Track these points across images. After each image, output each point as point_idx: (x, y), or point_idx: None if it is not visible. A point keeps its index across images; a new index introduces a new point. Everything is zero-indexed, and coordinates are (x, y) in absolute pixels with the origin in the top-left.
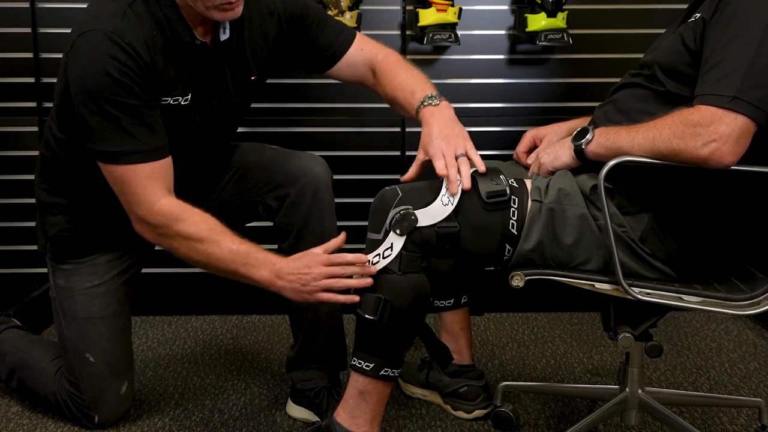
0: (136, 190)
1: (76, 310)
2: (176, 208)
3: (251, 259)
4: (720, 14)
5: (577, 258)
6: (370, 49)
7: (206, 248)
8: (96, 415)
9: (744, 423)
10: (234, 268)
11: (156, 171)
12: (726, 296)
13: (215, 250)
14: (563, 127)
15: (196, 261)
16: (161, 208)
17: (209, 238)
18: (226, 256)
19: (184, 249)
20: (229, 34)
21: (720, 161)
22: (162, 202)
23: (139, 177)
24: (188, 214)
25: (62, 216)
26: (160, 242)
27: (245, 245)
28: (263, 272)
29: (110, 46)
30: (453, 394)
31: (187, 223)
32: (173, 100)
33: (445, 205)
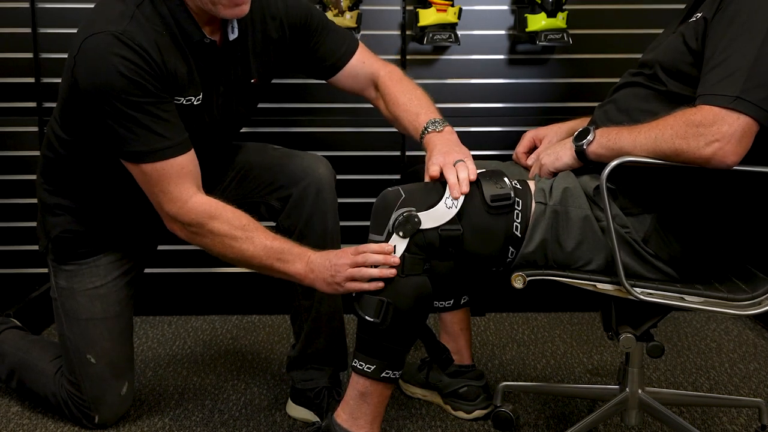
0: (167, 188)
1: (78, 311)
2: (208, 205)
3: (286, 255)
4: (722, 14)
5: (580, 259)
6: (372, 63)
7: (240, 245)
8: (96, 416)
9: (744, 423)
10: (269, 263)
11: (184, 166)
12: (727, 296)
13: (249, 247)
14: (563, 128)
15: (230, 258)
16: (194, 206)
17: (243, 236)
18: (260, 253)
19: (218, 247)
20: (238, 34)
21: (722, 161)
22: (194, 199)
23: (168, 174)
24: (221, 212)
25: (65, 217)
26: (193, 241)
27: (278, 241)
28: (298, 266)
29: (120, 47)
30: (453, 395)
31: (220, 221)
32: (186, 101)
33: (449, 208)
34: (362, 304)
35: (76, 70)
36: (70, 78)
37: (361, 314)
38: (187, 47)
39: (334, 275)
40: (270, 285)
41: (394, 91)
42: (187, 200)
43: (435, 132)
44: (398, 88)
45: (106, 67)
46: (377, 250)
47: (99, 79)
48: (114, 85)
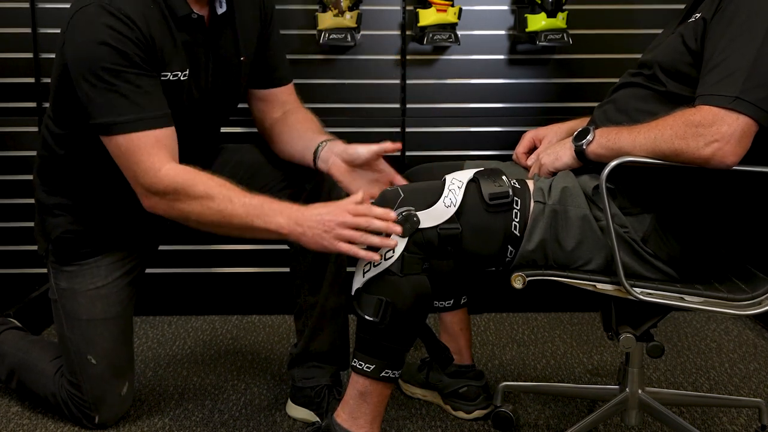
0: (140, 158)
1: (79, 311)
2: (183, 170)
3: (266, 209)
4: (721, 14)
5: (579, 259)
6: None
7: (218, 205)
8: (96, 416)
9: (744, 423)
10: (249, 221)
11: (160, 139)
12: (727, 296)
13: (227, 206)
14: (563, 128)
15: (209, 222)
16: (167, 172)
17: (220, 195)
18: (239, 210)
19: (196, 211)
20: (226, 8)
21: (722, 161)
22: (167, 167)
23: (143, 144)
24: (195, 175)
25: (65, 217)
26: (171, 211)
27: (258, 198)
28: (280, 219)
29: (107, 17)
30: (453, 395)
31: (195, 184)
32: (173, 75)
33: (448, 207)
34: (362, 304)
35: (65, 48)
36: (60, 59)
37: (360, 313)
38: (174, 22)
39: (328, 231)
40: (270, 285)
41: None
42: (160, 168)
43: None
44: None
45: (92, 36)
46: (381, 215)
47: (84, 47)
48: (98, 53)
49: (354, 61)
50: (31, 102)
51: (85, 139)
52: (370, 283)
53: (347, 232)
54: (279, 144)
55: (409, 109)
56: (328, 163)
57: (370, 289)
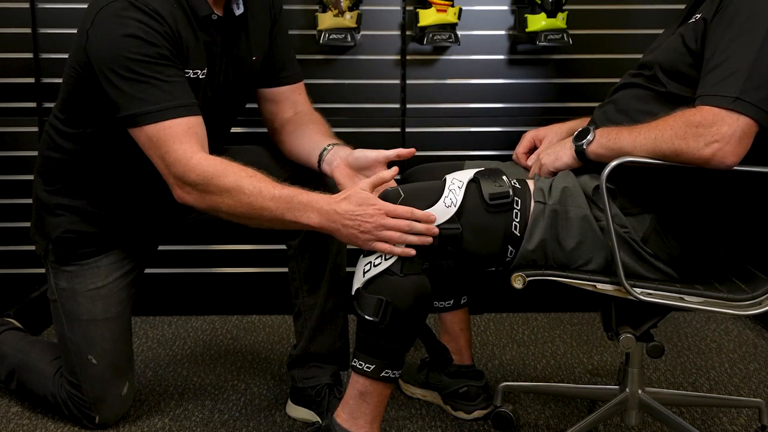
0: (171, 147)
1: (79, 312)
2: (214, 160)
3: (296, 203)
4: (722, 15)
5: (579, 259)
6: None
7: (248, 198)
8: (97, 416)
9: (744, 423)
10: (280, 215)
11: (191, 127)
12: (727, 296)
13: (257, 199)
14: (563, 128)
15: (240, 214)
16: (199, 161)
17: (250, 186)
18: (269, 204)
19: (226, 203)
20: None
21: (722, 162)
22: (199, 156)
23: (174, 133)
24: (226, 166)
25: (67, 217)
26: (202, 203)
27: (287, 189)
28: (312, 216)
29: (135, 11)
30: (453, 395)
31: (226, 174)
32: (193, 73)
33: (448, 207)
34: (361, 304)
35: (88, 45)
36: (78, 57)
37: (360, 313)
38: (196, 21)
39: (364, 232)
40: (270, 285)
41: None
42: (191, 157)
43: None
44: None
45: (121, 29)
46: (423, 218)
47: (114, 41)
48: (128, 45)
49: (354, 61)
50: (31, 102)
51: (97, 139)
52: (370, 283)
53: (385, 234)
54: (286, 144)
55: (409, 109)
56: (332, 165)
57: (370, 288)
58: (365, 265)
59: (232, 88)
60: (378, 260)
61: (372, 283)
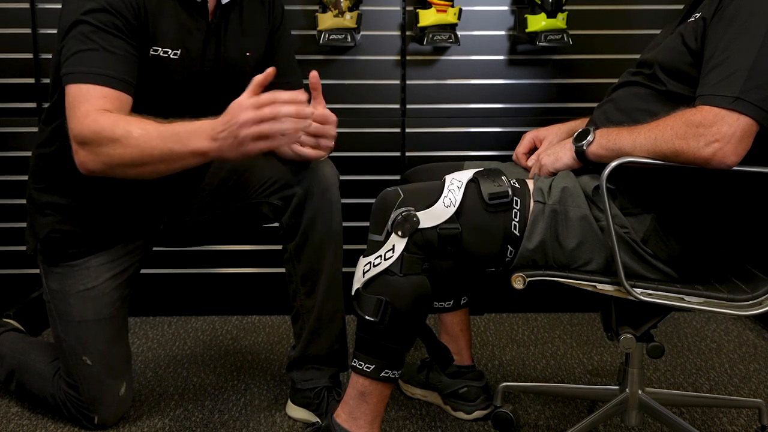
0: (78, 108)
1: (71, 313)
2: (108, 115)
3: (182, 134)
4: (721, 14)
5: (579, 259)
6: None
7: (136, 141)
8: (96, 416)
9: (744, 424)
10: (169, 149)
11: (106, 97)
12: (727, 297)
13: (145, 140)
14: (563, 128)
15: (134, 161)
16: (95, 118)
17: (138, 129)
18: (156, 141)
19: (118, 153)
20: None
21: (722, 162)
22: (96, 113)
23: (87, 97)
24: (118, 118)
25: (53, 216)
26: (99, 161)
27: (173, 124)
28: (199, 141)
29: None
30: (453, 395)
31: (116, 123)
32: (163, 52)
33: (447, 207)
34: (361, 304)
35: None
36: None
37: (360, 313)
38: (179, 1)
39: (236, 137)
40: (270, 286)
41: None
42: (88, 115)
43: None
44: None
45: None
46: (288, 99)
47: (76, 3)
48: (85, 6)
49: (354, 61)
50: (31, 102)
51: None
52: (370, 283)
53: (253, 129)
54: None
55: (409, 110)
56: None
57: (370, 289)
58: (365, 265)
59: (222, 81)
60: (378, 260)
61: (372, 283)
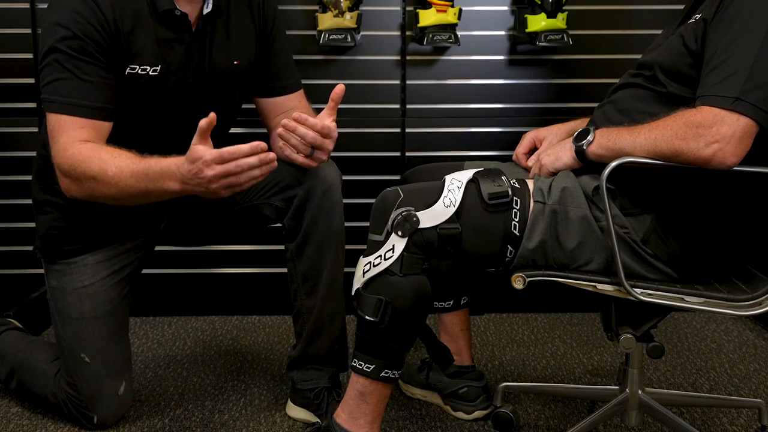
0: (59, 138)
1: (69, 310)
2: (83, 147)
3: (152, 175)
4: (722, 15)
5: (579, 259)
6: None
7: (114, 180)
8: (95, 416)
9: (744, 424)
10: (144, 188)
11: (85, 127)
12: (727, 297)
13: (121, 180)
14: (563, 129)
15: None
16: (73, 149)
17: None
18: (131, 182)
19: (99, 188)
20: (212, 8)
21: (722, 162)
22: (76, 145)
23: (66, 127)
24: (93, 152)
25: (52, 214)
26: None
27: (143, 162)
28: (170, 183)
29: (77, 2)
30: (453, 395)
31: (92, 160)
32: (141, 69)
33: (447, 207)
34: (361, 304)
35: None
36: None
37: (360, 313)
38: (156, 16)
39: (208, 187)
40: (270, 286)
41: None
42: (68, 148)
43: None
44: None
45: (57, 17)
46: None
47: (49, 26)
48: (57, 33)
49: (354, 61)
50: (31, 102)
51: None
52: (370, 283)
53: (225, 181)
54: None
55: (409, 110)
56: None
57: (370, 289)
58: (365, 265)
59: (209, 92)
60: (378, 260)
61: (372, 283)
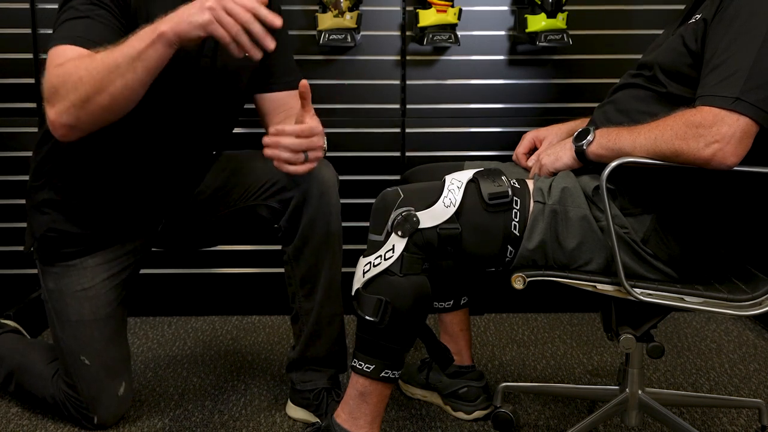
0: (56, 60)
1: (68, 313)
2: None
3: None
4: (722, 15)
5: (579, 259)
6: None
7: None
8: (95, 416)
9: (744, 424)
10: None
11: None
12: (727, 297)
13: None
14: (563, 129)
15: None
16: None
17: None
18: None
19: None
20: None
21: (722, 162)
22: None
23: (64, 54)
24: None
25: (51, 215)
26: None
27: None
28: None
29: None
30: (453, 395)
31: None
32: None
33: (447, 207)
34: (361, 304)
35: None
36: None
37: (360, 314)
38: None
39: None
40: (270, 286)
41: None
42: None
43: None
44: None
45: None
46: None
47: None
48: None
49: (354, 61)
50: (31, 102)
51: None
52: (370, 283)
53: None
54: None
55: (409, 110)
56: None
57: (370, 289)
58: (365, 265)
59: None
60: (378, 260)
61: (372, 283)
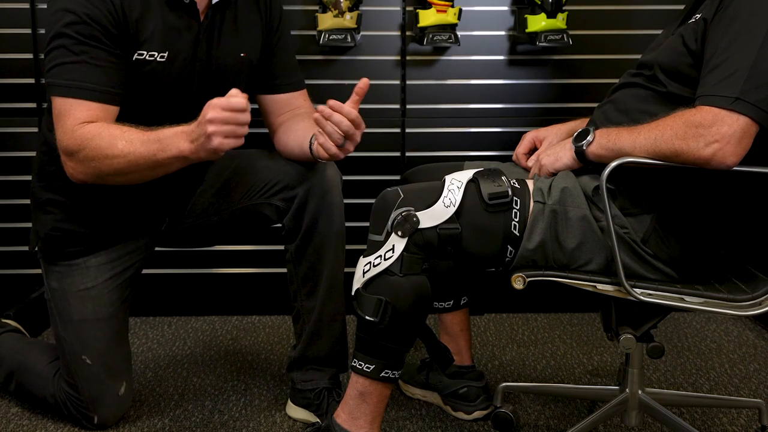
0: (66, 120)
1: (70, 312)
2: (92, 126)
3: (164, 139)
4: (722, 15)
5: (579, 259)
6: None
7: (122, 152)
8: (95, 416)
9: (744, 424)
10: (154, 156)
11: (92, 110)
12: (727, 297)
13: (132, 150)
14: (563, 129)
15: (121, 171)
16: (83, 129)
17: (123, 141)
18: (141, 150)
19: (107, 164)
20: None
21: (722, 162)
22: (84, 125)
23: (72, 111)
24: (102, 128)
25: (55, 215)
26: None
27: (154, 132)
28: (181, 143)
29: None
30: (453, 395)
31: (102, 135)
32: (149, 55)
33: (447, 207)
34: (361, 304)
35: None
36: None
37: (360, 314)
38: (166, 3)
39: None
40: (270, 286)
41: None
42: (77, 129)
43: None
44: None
45: (63, 3)
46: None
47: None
48: (64, 18)
49: (354, 61)
50: (31, 102)
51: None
52: (370, 283)
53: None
54: (281, 142)
55: (409, 110)
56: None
57: (370, 289)
58: (365, 265)
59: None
60: (378, 260)
61: (372, 283)
